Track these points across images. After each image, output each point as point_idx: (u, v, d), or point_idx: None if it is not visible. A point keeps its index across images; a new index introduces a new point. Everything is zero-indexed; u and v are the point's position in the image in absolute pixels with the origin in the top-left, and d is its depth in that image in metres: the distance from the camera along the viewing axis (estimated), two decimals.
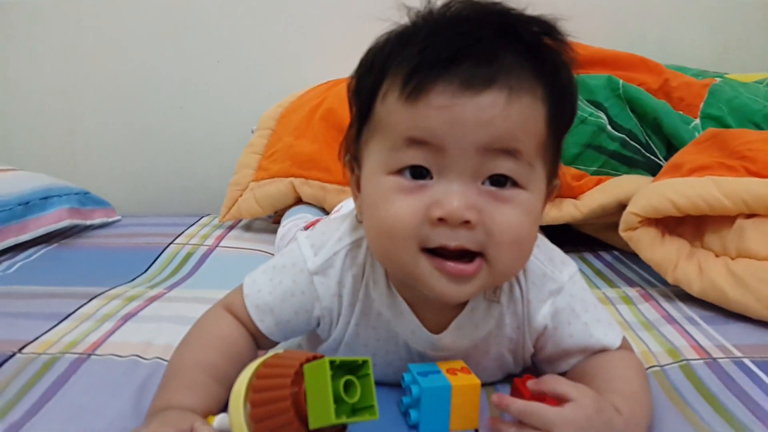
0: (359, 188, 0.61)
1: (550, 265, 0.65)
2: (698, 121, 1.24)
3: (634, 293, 0.98)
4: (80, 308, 0.89)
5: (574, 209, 1.17)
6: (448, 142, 0.52)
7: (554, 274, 0.65)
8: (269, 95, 1.64)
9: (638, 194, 0.99)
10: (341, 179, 1.25)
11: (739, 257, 0.89)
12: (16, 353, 0.74)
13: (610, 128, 1.25)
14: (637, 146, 1.25)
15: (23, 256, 1.18)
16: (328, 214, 1.25)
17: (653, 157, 1.25)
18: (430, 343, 0.64)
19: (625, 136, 1.25)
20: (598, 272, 1.11)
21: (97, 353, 0.75)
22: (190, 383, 0.59)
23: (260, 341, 0.66)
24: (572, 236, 1.23)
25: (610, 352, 0.64)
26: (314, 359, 0.52)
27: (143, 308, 0.90)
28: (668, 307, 0.92)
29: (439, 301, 0.59)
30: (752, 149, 0.95)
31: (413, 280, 0.57)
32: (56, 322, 0.84)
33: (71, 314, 0.87)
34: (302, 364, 0.52)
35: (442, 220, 0.53)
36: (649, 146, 1.25)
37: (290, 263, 0.65)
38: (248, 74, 1.74)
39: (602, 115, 1.25)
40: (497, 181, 0.54)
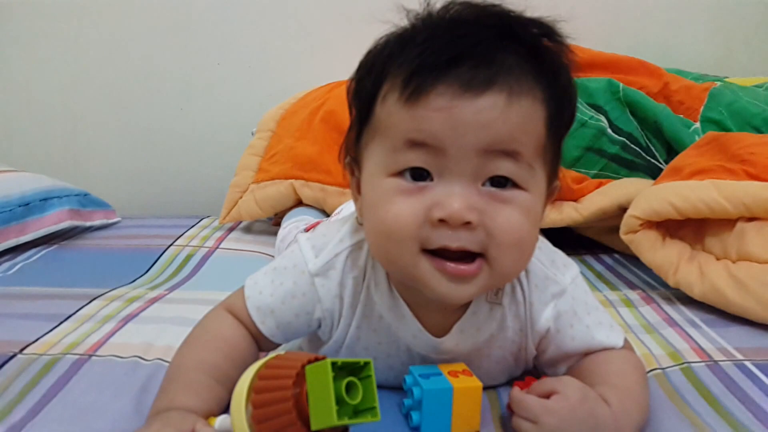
0: (359, 190, 0.61)
1: (552, 267, 0.65)
2: (698, 124, 1.24)
3: (635, 296, 0.98)
4: (81, 309, 0.89)
5: (574, 212, 1.17)
6: (448, 143, 0.52)
7: (556, 276, 0.65)
8: (270, 97, 1.64)
9: (639, 197, 1.00)
10: (342, 181, 1.25)
11: (739, 260, 0.89)
12: (17, 354, 0.74)
13: (610, 131, 1.25)
14: (637, 149, 1.25)
15: (24, 257, 1.18)
16: (328, 216, 1.25)
17: (654, 160, 1.25)
18: (432, 346, 0.64)
19: (625, 139, 1.25)
20: (599, 275, 1.11)
21: (98, 354, 0.74)
22: (191, 384, 0.59)
23: (261, 343, 0.66)
24: (573, 239, 1.24)
25: (610, 350, 0.64)
26: (316, 360, 0.52)
27: (144, 309, 0.90)
28: (669, 310, 0.92)
29: (440, 303, 0.59)
30: (752, 153, 0.96)
31: (414, 281, 0.57)
32: (57, 323, 0.84)
33: (72, 315, 0.87)
34: (304, 365, 0.52)
35: (442, 221, 0.53)
36: (649, 149, 1.25)
37: (291, 265, 0.65)
38: (249, 76, 1.74)
39: (602, 118, 1.25)
40: (497, 182, 0.54)
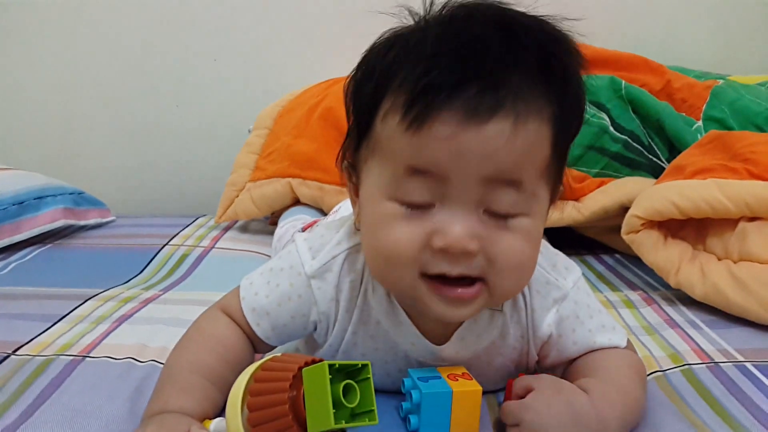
0: (357, 194, 0.60)
1: (553, 272, 0.64)
2: (700, 122, 1.23)
3: (636, 297, 0.98)
4: (75, 310, 0.88)
5: (575, 212, 1.16)
6: (451, 172, 0.51)
7: (558, 281, 0.64)
8: (266, 94, 1.62)
9: (641, 196, 0.99)
10: (339, 180, 1.24)
11: (741, 261, 0.89)
12: (10, 355, 0.73)
13: (612, 129, 1.24)
14: (639, 148, 1.24)
15: (17, 256, 1.17)
16: (326, 215, 1.24)
17: (656, 159, 1.24)
18: (431, 353, 0.63)
19: (627, 137, 1.24)
20: (599, 276, 1.10)
21: (91, 355, 0.74)
22: (186, 386, 0.58)
23: (257, 345, 0.65)
24: (574, 239, 1.23)
25: (608, 349, 0.64)
26: (313, 363, 0.51)
27: (138, 310, 0.89)
28: (670, 310, 0.91)
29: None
30: (755, 152, 0.95)
31: (412, 301, 0.57)
32: (51, 323, 0.83)
33: (66, 316, 0.86)
34: (301, 367, 0.51)
35: (443, 249, 0.52)
36: (651, 148, 1.25)
37: (288, 266, 0.64)
38: (245, 73, 1.72)
39: (604, 116, 1.25)
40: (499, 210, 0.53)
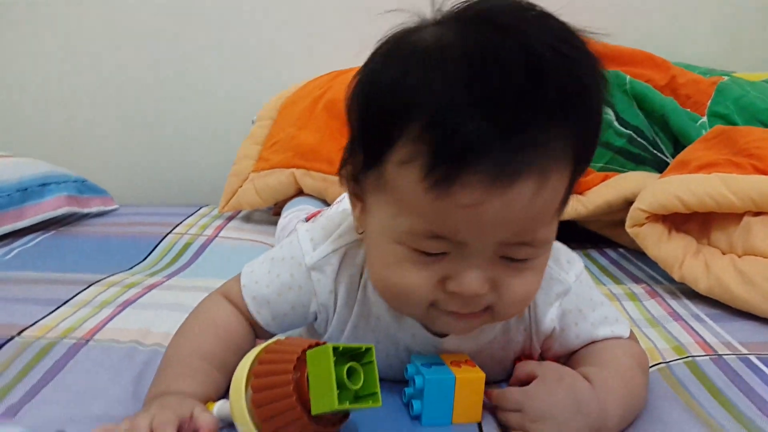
0: (359, 199, 0.58)
1: (556, 266, 0.64)
2: (705, 118, 1.23)
3: (639, 290, 0.98)
4: (78, 294, 0.89)
5: (579, 205, 1.16)
6: (470, 238, 0.50)
7: (560, 275, 0.64)
8: (270, 85, 1.62)
9: (645, 190, 0.99)
10: None
11: (745, 255, 0.89)
12: (14, 337, 0.74)
13: (617, 124, 1.24)
14: (644, 143, 1.24)
15: (21, 242, 1.17)
16: (329, 205, 1.24)
17: (660, 154, 1.24)
18: (432, 346, 0.63)
19: (632, 132, 1.24)
20: (603, 269, 1.10)
21: (95, 339, 0.74)
22: (188, 370, 0.58)
23: (258, 331, 0.65)
24: (577, 233, 1.22)
25: (611, 339, 0.64)
26: (317, 345, 0.51)
27: (142, 296, 0.89)
28: (674, 304, 0.91)
29: None
30: (760, 147, 0.95)
31: (419, 320, 0.61)
32: (54, 307, 0.83)
33: (69, 300, 0.86)
34: (305, 350, 0.51)
35: (457, 293, 0.53)
36: (656, 143, 1.24)
37: (289, 256, 0.64)
38: (249, 63, 1.72)
39: (609, 110, 1.24)
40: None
